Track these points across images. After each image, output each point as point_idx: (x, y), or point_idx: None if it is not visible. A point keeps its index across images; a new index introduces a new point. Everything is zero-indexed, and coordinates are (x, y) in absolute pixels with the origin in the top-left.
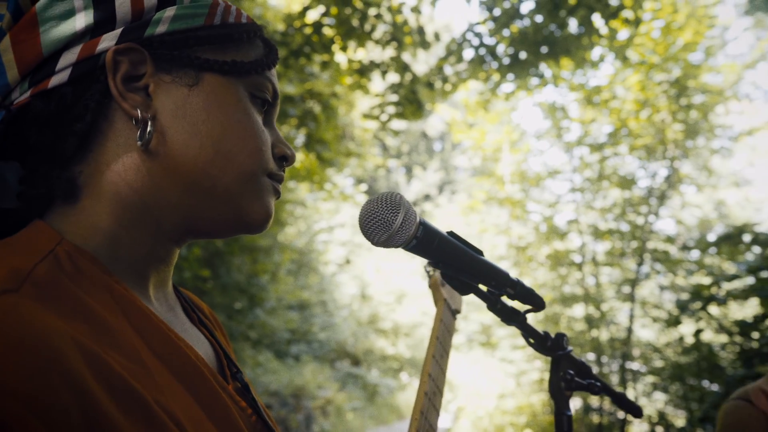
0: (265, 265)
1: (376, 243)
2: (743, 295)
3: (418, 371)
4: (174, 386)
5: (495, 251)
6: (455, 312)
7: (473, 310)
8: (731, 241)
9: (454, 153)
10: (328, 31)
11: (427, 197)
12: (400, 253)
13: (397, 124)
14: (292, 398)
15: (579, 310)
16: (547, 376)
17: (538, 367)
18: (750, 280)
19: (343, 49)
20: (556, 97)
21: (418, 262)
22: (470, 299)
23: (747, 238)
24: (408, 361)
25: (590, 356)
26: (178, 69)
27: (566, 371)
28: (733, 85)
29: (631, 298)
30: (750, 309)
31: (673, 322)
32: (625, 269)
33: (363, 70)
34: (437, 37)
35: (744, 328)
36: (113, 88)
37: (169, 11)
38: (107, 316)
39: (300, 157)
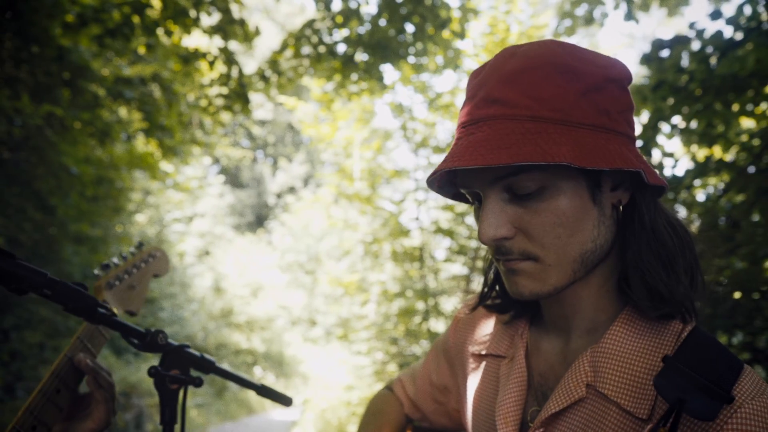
0: (101, 257)
1: None
2: None
3: (272, 365)
4: None
5: (347, 245)
6: (132, 314)
7: (332, 303)
8: None
9: (320, 146)
10: (152, 13)
11: (291, 189)
12: (260, 245)
13: (263, 114)
14: (122, 396)
15: (422, 303)
16: (384, 368)
17: (379, 359)
18: None
19: (168, 34)
20: (404, 99)
21: (278, 256)
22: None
23: None
24: (262, 355)
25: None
26: None
27: (155, 366)
28: None
29: (466, 292)
30: None
31: None
32: (463, 265)
33: (188, 58)
34: (258, 31)
35: None
36: None
37: None
38: None
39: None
